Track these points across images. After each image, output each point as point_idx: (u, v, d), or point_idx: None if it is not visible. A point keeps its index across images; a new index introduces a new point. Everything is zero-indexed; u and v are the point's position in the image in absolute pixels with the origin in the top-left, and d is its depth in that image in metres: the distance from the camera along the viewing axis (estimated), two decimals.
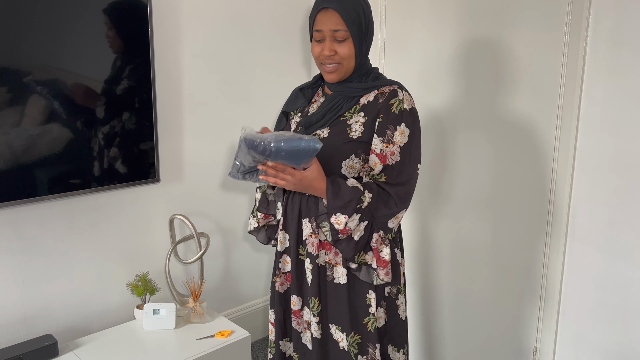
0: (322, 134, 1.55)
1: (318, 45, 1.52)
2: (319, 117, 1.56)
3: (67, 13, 1.90)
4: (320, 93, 1.66)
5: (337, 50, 1.49)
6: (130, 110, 2.12)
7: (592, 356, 1.94)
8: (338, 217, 1.46)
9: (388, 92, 1.51)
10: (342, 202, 1.46)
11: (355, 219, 1.47)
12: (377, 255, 1.51)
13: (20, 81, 1.83)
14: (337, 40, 1.48)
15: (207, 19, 2.36)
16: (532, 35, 1.93)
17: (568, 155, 1.89)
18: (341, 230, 1.47)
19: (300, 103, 1.66)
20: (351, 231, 1.48)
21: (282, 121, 1.71)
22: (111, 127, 2.08)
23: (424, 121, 2.30)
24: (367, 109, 1.52)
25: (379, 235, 1.51)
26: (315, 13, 1.50)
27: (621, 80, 1.74)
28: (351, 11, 1.46)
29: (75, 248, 2.11)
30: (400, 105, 1.49)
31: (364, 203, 1.47)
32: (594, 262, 1.89)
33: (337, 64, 1.51)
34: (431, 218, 2.35)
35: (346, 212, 1.46)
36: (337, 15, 1.46)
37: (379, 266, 1.51)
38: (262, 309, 2.80)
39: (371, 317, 1.57)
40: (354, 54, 1.50)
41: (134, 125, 2.14)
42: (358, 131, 1.51)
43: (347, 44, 1.48)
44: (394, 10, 2.36)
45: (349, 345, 1.59)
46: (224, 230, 2.59)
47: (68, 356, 1.94)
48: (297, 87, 1.71)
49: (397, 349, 1.67)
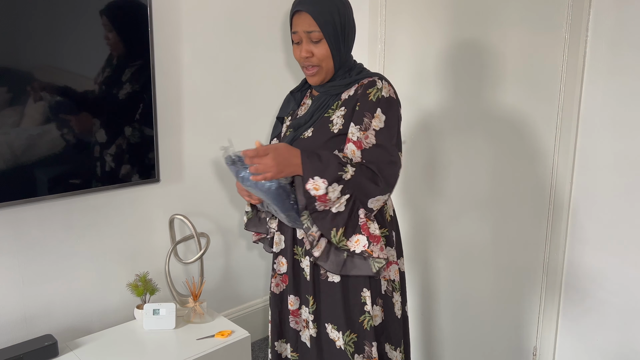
0: (307, 134, 1.56)
1: (297, 47, 1.55)
2: (307, 117, 1.58)
3: (68, 13, 1.90)
4: (308, 95, 1.69)
5: (313, 51, 1.51)
6: (130, 110, 2.12)
7: (592, 356, 1.94)
8: (316, 181, 1.39)
9: (366, 82, 1.52)
10: (320, 164, 1.40)
11: (337, 190, 1.40)
12: (366, 232, 1.45)
13: (20, 81, 1.83)
14: (312, 42, 1.51)
15: (207, 19, 2.35)
16: (532, 35, 1.93)
17: (568, 155, 1.89)
18: (319, 197, 1.40)
19: (292, 107, 1.69)
20: (330, 202, 1.42)
21: (278, 127, 1.73)
22: (111, 127, 2.07)
23: (423, 121, 2.30)
24: (347, 102, 1.53)
25: (365, 210, 1.46)
26: (291, 17, 1.54)
27: (621, 80, 1.74)
28: (324, 12, 1.48)
29: (75, 248, 2.11)
30: (378, 93, 1.49)
31: (347, 174, 1.41)
32: (594, 262, 1.89)
33: (317, 67, 1.53)
34: (431, 218, 2.35)
35: (325, 177, 1.39)
36: (310, 17, 1.48)
37: (372, 242, 1.45)
38: (262, 309, 2.80)
39: (367, 315, 1.57)
40: (331, 54, 1.52)
41: (134, 125, 2.14)
42: (338, 124, 1.52)
43: (322, 44, 1.51)
44: (393, 11, 2.35)
45: (344, 344, 1.58)
46: (224, 230, 2.59)
47: (68, 356, 1.94)
48: (290, 92, 1.74)
49: (394, 347, 1.66)
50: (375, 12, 2.40)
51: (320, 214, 1.44)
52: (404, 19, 2.33)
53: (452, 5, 2.15)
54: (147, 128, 2.18)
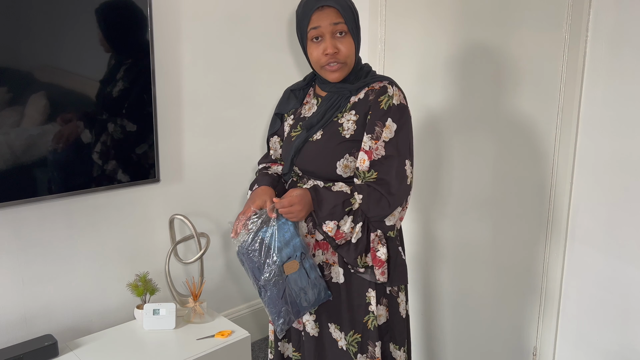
0: (316, 137, 1.55)
1: (317, 46, 1.49)
2: (319, 117, 1.56)
3: (68, 13, 1.90)
4: (312, 94, 1.66)
5: (338, 47, 1.48)
6: (131, 110, 2.12)
7: (592, 356, 1.94)
8: (327, 224, 1.47)
9: (378, 88, 1.51)
10: (328, 209, 1.46)
11: (348, 222, 1.46)
12: (373, 254, 1.50)
13: (20, 81, 1.83)
14: (337, 36, 1.48)
15: (207, 19, 2.35)
16: (532, 35, 1.93)
17: (568, 155, 1.89)
18: (335, 236, 1.47)
19: (293, 105, 1.67)
20: (346, 235, 1.47)
21: (277, 123, 1.72)
22: (111, 127, 2.08)
23: (423, 121, 2.30)
24: (358, 106, 1.52)
25: (376, 234, 1.50)
26: (311, 13, 1.48)
27: (621, 80, 1.74)
28: (346, 7, 1.48)
29: (76, 248, 2.11)
30: (390, 101, 1.49)
31: (354, 205, 1.47)
32: (594, 262, 1.89)
33: (342, 64, 1.50)
34: (431, 218, 2.35)
35: (334, 218, 1.46)
36: (336, 11, 1.46)
37: (374, 265, 1.50)
38: (262, 309, 2.79)
39: (371, 315, 1.57)
40: (355, 50, 1.52)
41: (134, 125, 2.14)
42: (350, 129, 1.51)
43: (347, 38, 1.49)
44: (394, 11, 2.35)
45: (347, 344, 1.58)
46: (224, 230, 2.59)
47: (68, 356, 1.94)
48: (288, 88, 1.72)
49: (398, 347, 1.66)
50: (376, 12, 2.40)
51: (342, 247, 1.50)
52: (404, 19, 2.33)
53: (452, 5, 2.15)
54: (147, 128, 2.18)
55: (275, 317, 1.54)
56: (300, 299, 1.52)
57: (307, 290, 1.51)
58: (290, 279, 1.49)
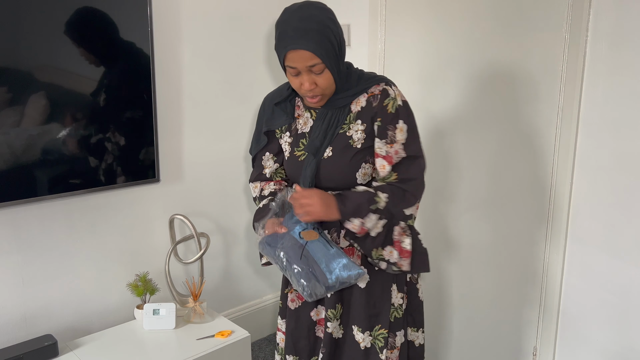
0: (326, 154, 1.52)
1: (295, 78, 1.44)
2: (321, 137, 1.52)
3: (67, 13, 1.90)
4: (302, 106, 1.59)
5: (316, 82, 1.43)
6: (131, 110, 2.12)
7: (592, 356, 1.94)
8: (353, 221, 1.47)
9: (379, 93, 1.49)
10: (353, 206, 1.46)
11: (373, 219, 1.47)
12: (399, 247, 1.50)
13: (20, 81, 1.83)
14: (314, 73, 1.42)
15: (207, 18, 2.35)
16: (532, 35, 1.93)
17: (568, 155, 1.89)
18: (358, 232, 1.48)
19: (284, 120, 1.59)
20: (369, 230, 1.48)
21: (263, 139, 1.64)
22: (111, 127, 2.08)
23: (423, 121, 2.30)
24: (363, 115, 1.50)
25: (400, 227, 1.51)
26: (285, 51, 1.40)
27: (621, 80, 1.74)
28: (322, 43, 1.37)
29: (75, 248, 2.11)
30: (395, 103, 1.49)
31: (379, 204, 1.47)
32: (594, 262, 1.89)
33: (321, 95, 1.47)
34: (431, 218, 2.35)
35: (359, 215, 1.46)
36: (309, 53, 1.37)
37: (402, 257, 1.50)
38: (262, 308, 2.80)
39: (396, 309, 1.60)
40: (334, 80, 1.46)
41: (134, 125, 2.14)
42: (360, 139, 1.50)
43: (326, 74, 1.43)
44: (394, 11, 2.35)
45: (373, 339, 1.59)
46: (224, 230, 2.59)
47: (68, 356, 1.94)
48: (269, 100, 1.65)
49: (417, 329, 1.69)
50: (376, 12, 2.40)
51: (360, 238, 1.51)
52: (404, 19, 2.33)
53: (452, 6, 2.15)
54: (147, 128, 2.17)
55: (296, 281, 1.46)
56: (324, 267, 1.46)
57: (330, 261, 1.47)
58: (309, 246, 1.47)
